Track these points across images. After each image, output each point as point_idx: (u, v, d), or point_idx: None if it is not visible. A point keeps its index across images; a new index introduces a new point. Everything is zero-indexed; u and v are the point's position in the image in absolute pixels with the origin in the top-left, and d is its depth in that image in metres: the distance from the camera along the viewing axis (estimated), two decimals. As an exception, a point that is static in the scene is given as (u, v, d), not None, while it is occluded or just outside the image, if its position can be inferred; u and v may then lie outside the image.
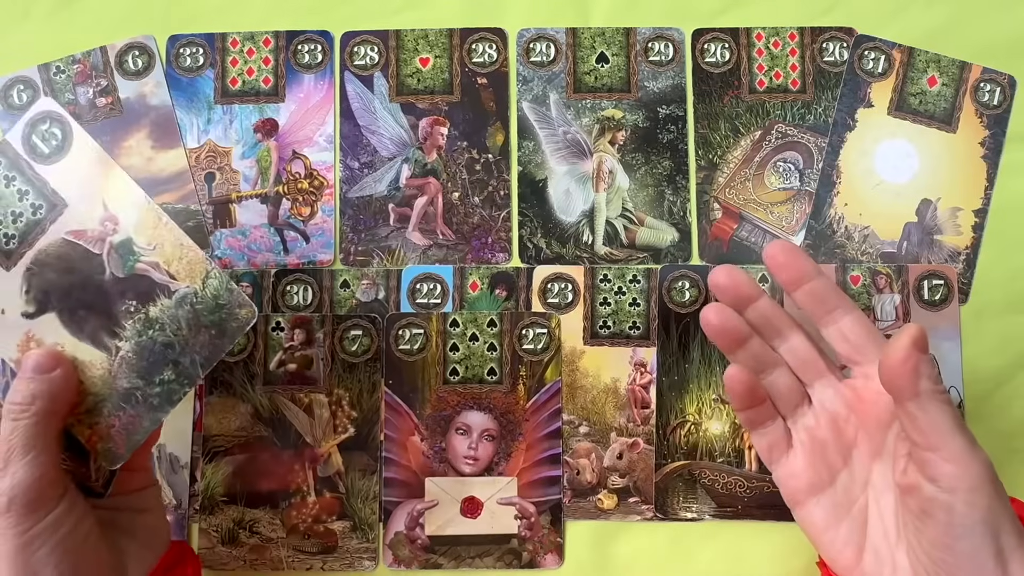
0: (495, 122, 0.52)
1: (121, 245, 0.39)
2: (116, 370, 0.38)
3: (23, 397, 0.36)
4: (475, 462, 0.49)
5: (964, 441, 0.33)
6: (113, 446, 0.38)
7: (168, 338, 0.38)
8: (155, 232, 0.39)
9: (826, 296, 0.39)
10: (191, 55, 0.52)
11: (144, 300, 0.38)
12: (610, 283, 0.50)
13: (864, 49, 0.52)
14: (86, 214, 0.39)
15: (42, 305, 0.39)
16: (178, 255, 0.39)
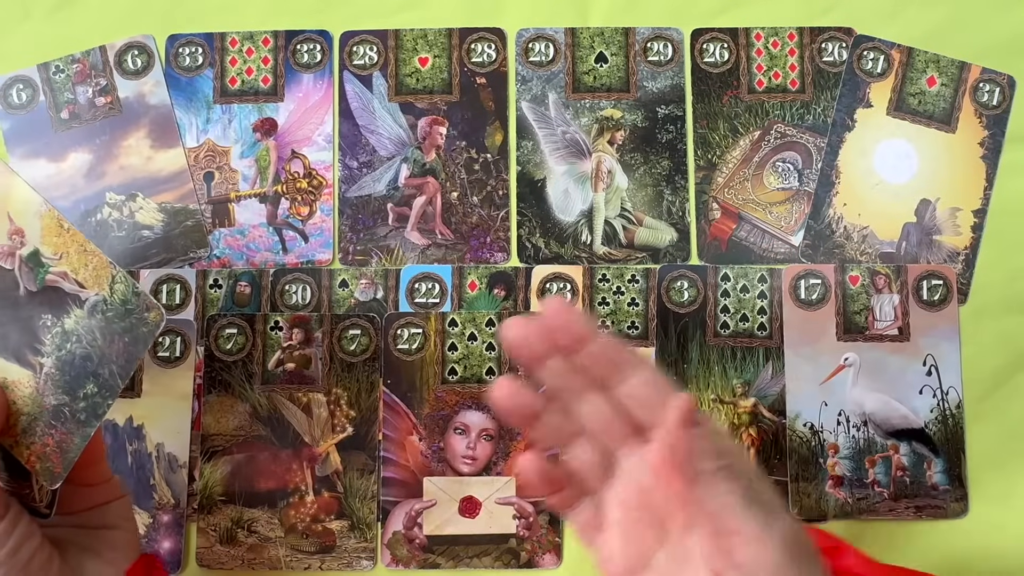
0: (494, 122, 0.52)
1: (30, 257, 0.37)
2: (43, 387, 0.37)
3: None
4: (473, 462, 0.49)
5: (756, 519, 0.29)
6: (51, 465, 0.37)
7: (85, 350, 0.37)
8: (59, 240, 0.37)
9: (613, 354, 0.34)
10: (190, 55, 0.52)
11: (58, 312, 0.37)
12: (609, 283, 0.50)
13: (863, 49, 0.52)
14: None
15: None
16: (84, 262, 0.37)
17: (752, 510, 0.30)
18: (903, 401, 0.49)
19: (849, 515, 0.49)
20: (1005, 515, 0.49)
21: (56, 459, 0.37)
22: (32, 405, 0.37)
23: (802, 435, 0.49)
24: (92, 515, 0.40)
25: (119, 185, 0.51)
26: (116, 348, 0.37)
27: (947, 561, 0.49)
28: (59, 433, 0.37)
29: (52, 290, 0.37)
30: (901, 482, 0.49)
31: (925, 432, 0.49)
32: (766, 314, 0.50)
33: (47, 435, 0.37)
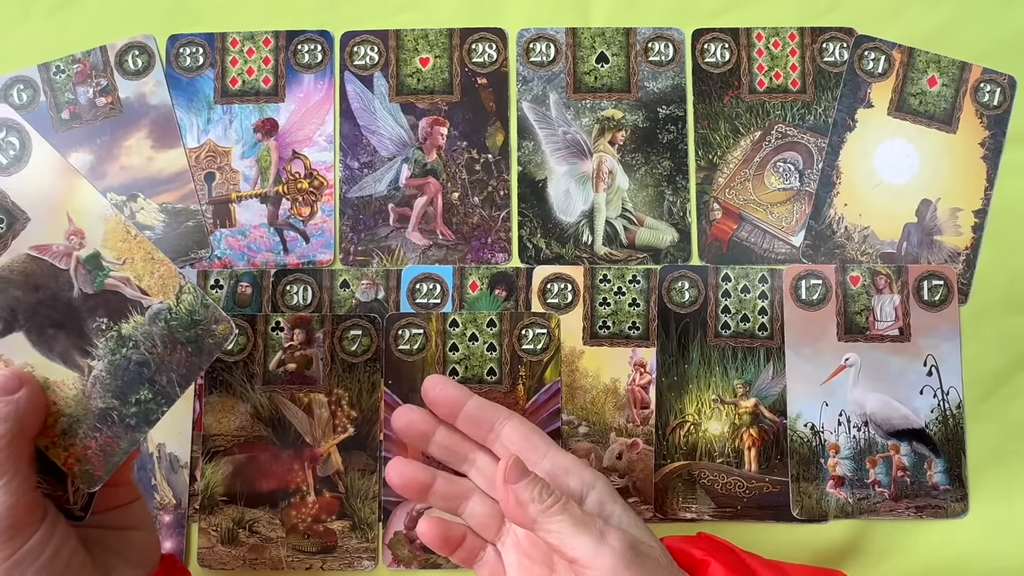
0: (495, 122, 0.52)
1: (89, 260, 0.37)
2: (90, 390, 0.37)
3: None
4: (474, 462, 0.49)
5: (589, 539, 0.35)
6: (91, 468, 0.37)
7: (143, 356, 0.37)
8: (125, 245, 0.37)
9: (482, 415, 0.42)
10: (191, 55, 0.52)
11: (116, 317, 0.37)
12: (610, 283, 0.50)
13: (864, 49, 0.52)
14: (50, 228, 0.37)
15: (8, 324, 0.37)
16: (150, 269, 0.37)
17: (583, 535, 0.36)
18: (904, 401, 0.49)
19: (850, 515, 0.49)
20: (1005, 515, 0.49)
21: (98, 462, 0.37)
22: (75, 407, 0.37)
23: (803, 435, 0.49)
24: (115, 516, 0.40)
25: (120, 185, 0.51)
26: (178, 357, 0.37)
27: (947, 561, 0.49)
28: (104, 437, 0.37)
29: (111, 294, 0.37)
30: (902, 482, 0.49)
31: (926, 432, 0.49)
32: (767, 314, 0.50)
33: (90, 438, 0.37)
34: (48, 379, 0.37)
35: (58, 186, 0.37)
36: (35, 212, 0.37)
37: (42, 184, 0.37)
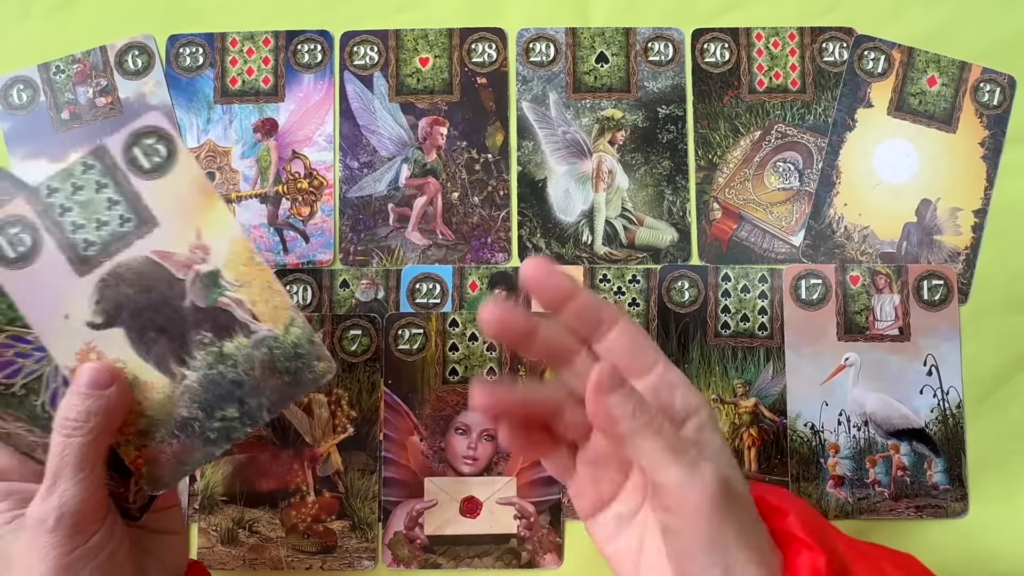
0: (495, 122, 0.52)
1: (208, 276, 0.37)
2: (177, 397, 0.37)
3: (78, 414, 0.35)
4: (474, 462, 0.49)
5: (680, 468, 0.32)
6: (160, 472, 0.37)
7: (239, 376, 0.37)
8: (245, 270, 0.37)
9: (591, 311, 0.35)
10: (191, 55, 0.52)
11: (221, 334, 0.37)
12: (610, 283, 0.50)
13: (864, 49, 0.52)
14: (176, 237, 0.37)
15: (111, 318, 0.37)
16: (265, 297, 0.37)
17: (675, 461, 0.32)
18: (904, 401, 0.49)
19: (850, 515, 0.49)
20: (1005, 515, 0.49)
21: (168, 468, 0.37)
22: (158, 410, 0.37)
23: (803, 435, 0.49)
24: (156, 518, 0.40)
25: (120, 185, 0.51)
26: (273, 384, 0.37)
27: (947, 561, 0.49)
28: (180, 444, 0.37)
29: (221, 312, 0.37)
30: (901, 482, 0.49)
31: (925, 432, 0.49)
32: (767, 314, 0.50)
33: (166, 443, 0.37)
34: (137, 378, 0.37)
35: (194, 200, 0.37)
36: (165, 220, 0.37)
37: (179, 195, 0.37)
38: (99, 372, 0.36)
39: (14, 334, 0.37)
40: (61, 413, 0.35)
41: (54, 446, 0.35)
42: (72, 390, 0.36)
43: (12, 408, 0.37)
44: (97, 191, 0.37)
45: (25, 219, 0.36)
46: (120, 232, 0.37)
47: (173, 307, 0.37)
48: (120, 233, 0.37)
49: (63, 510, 0.34)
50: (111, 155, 0.37)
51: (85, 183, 0.37)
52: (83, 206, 0.37)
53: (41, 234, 0.36)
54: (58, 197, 0.36)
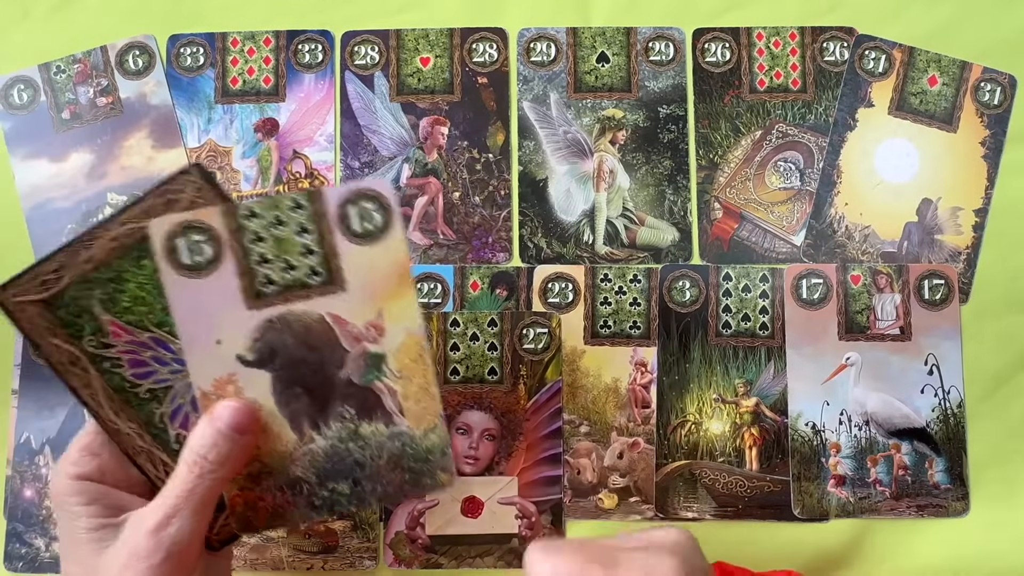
0: (495, 122, 0.52)
1: (373, 357, 0.36)
2: (298, 456, 0.36)
3: (217, 456, 0.34)
4: (476, 462, 0.49)
5: None
6: (254, 518, 0.37)
7: (363, 459, 0.36)
8: (411, 364, 0.36)
9: None
10: (191, 55, 0.52)
11: (363, 415, 0.36)
12: (611, 283, 0.50)
13: (865, 49, 0.52)
14: (358, 309, 0.35)
15: (263, 360, 0.36)
16: (419, 397, 0.36)
17: None
18: (905, 400, 0.49)
19: (851, 514, 0.49)
20: (1006, 514, 0.49)
21: (262, 516, 0.37)
22: (274, 460, 0.36)
23: (804, 434, 0.49)
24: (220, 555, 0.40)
25: (120, 185, 0.51)
26: (392, 477, 0.37)
27: (948, 560, 0.49)
28: (282, 499, 0.37)
29: (372, 394, 0.36)
30: (903, 481, 0.49)
31: (927, 431, 0.49)
32: (768, 314, 0.50)
33: (270, 493, 0.36)
34: (267, 424, 0.36)
35: (389, 281, 0.36)
36: (354, 288, 0.35)
37: (377, 270, 0.35)
38: (245, 416, 0.35)
39: (159, 337, 0.36)
40: (197, 450, 0.34)
41: (182, 481, 0.34)
42: (214, 428, 0.34)
43: (131, 407, 0.36)
44: (297, 234, 0.35)
45: (213, 231, 0.34)
46: (304, 282, 0.35)
47: (328, 373, 0.36)
48: (304, 283, 0.35)
49: (176, 547, 0.34)
50: (325, 204, 0.35)
51: (288, 221, 0.35)
52: (278, 243, 0.35)
53: (224, 252, 0.35)
54: (256, 223, 0.35)
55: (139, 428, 0.37)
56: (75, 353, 0.36)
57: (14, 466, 0.49)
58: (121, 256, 0.36)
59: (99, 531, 0.35)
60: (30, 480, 0.49)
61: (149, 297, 0.36)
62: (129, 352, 0.36)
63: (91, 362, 0.36)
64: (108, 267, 0.35)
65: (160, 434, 0.37)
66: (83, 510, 0.35)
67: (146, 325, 0.36)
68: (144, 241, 0.35)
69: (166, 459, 0.37)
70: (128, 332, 0.36)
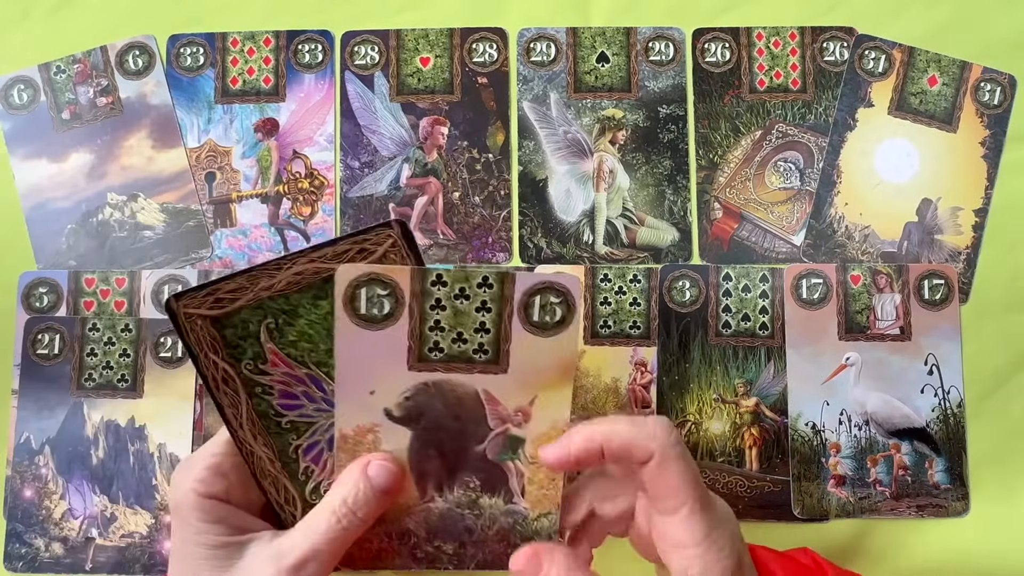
0: (495, 122, 0.52)
1: (513, 440, 0.37)
2: (414, 511, 0.37)
3: (366, 514, 0.35)
4: (476, 462, 0.49)
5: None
6: (358, 557, 0.38)
7: (475, 526, 0.37)
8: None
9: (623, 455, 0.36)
10: (191, 55, 0.52)
11: (486, 488, 0.37)
12: (610, 283, 0.50)
13: (865, 49, 0.52)
14: (512, 393, 0.36)
15: (408, 419, 0.36)
16: (542, 485, 0.37)
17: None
18: (905, 400, 0.49)
19: (851, 514, 0.49)
20: (1006, 514, 0.49)
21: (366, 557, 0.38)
22: (391, 511, 0.37)
23: (804, 434, 0.49)
24: None
25: (120, 185, 0.51)
26: (495, 548, 0.37)
27: (948, 560, 0.49)
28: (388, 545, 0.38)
29: (500, 472, 0.37)
30: (903, 481, 0.49)
31: (926, 431, 0.49)
32: (768, 314, 0.50)
33: (379, 537, 0.37)
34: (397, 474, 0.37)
35: (550, 375, 0.36)
36: (515, 374, 0.36)
37: (542, 362, 0.36)
38: (396, 479, 0.36)
39: (315, 376, 0.37)
40: (350, 504, 0.35)
41: (328, 529, 0.34)
42: (370, 486, 0.35)
43: (269, 435, 0.37)
44: (478, 310, 0.35)
45: (397, 289, 0.34)
46: (471, 357, 0.36)
47: (465, 443, 0.37)
48: (470, 357, 0.36)
49: None
50: (514, 287, 0.35)
51: (472, 296, 0.35)
52: (455, 314, 0.35)
53: (402, 311, 0.35)
54: (440, 292, 0.35)
55: (272, 454, 0.37)
56: (230, 373, 0.36)
57: (14, 466, 0.49)
58: (300, 291, 0.36)
59: (222, 549, 0.35)
60: (30, 480, 0.49)
61: (316, 336, 0.36)
62: (282, 383, 0.37)
63: (244, 385, 0.36)
64: (285, 299, 0.36)
65: (290, 464, 0.37)
66: (208, 527, 0.35)
67: (306, 361, 0.37)
68: (326, 282, 0.36)
69: (289, 486, 0.38)
70: (287, 364, 0.37)
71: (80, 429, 0.49)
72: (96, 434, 0.49)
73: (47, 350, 0.50)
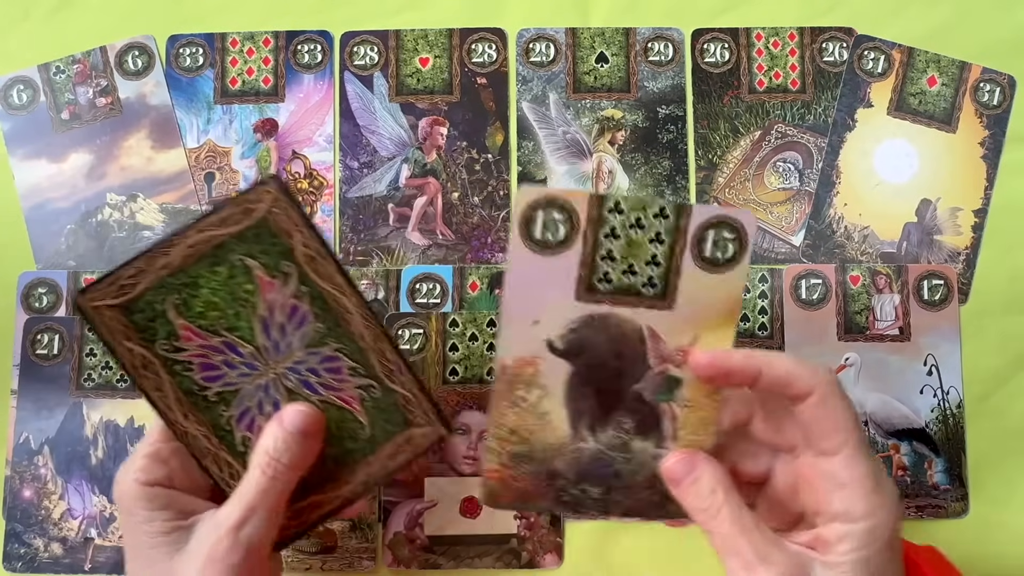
0: (495, 122, 0.52)
1: (670, 380, 0.36)
2: (564, 451, 0.36)
3: (290, 459, 0.36)
4: (474, 462, 0.49)
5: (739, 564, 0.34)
6: (502, 494, 0.37)
7: (624, 471, 0.36)
8: (702, 398, 0.36)
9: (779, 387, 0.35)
10: (191, 55, 0.52)
11: (638, 431, 0.36)
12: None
13: (864, 49, 0.52)
14: (676, 330, 0.35)
15: (569, 353, 0.35)
16: (695, 429, 0.36)
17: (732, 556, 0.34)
18: (904, 401, 0.49)
19: (850, 515, 0.49)
20: (1006, 515, 0.49)
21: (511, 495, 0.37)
22: (539, 448, 0.36)
23: (803, 435, 0.49)
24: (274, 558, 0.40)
25: (120, 186, 0.51)
26: (642, 495, 0.37)
27: (948, 561, 0.49)
28: (534, 486, 0.37)
29: (654, 414, 0.36)
30: (902, 482, 0.49)
31: (926, 432, 0.49)
32: (767, 314, 0.50)
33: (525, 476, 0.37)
34: (547, 413, 0.36)
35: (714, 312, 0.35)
36: (681, 310, 0.35)
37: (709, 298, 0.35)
38: (314, 421, 0.37)
39: (230, 342, 0.37)
40: (272, 453, 0.36)
41: (256, 483, 0.35)
42: (287, 432, 0.36)
43: (199, 411, 0.37)
44: (651, 241, 0.35)
45: (575, 214, 0.34)
46: (638, 290, 0.35)
47: (622, 382, 0.36)
48: (637, 291, 0.35)
49: (253, 547, 0.35)
50: (690, 220, 0.34)
51: (648, 226, 0.34)
52: (629, 244, 0.35)
53: (576, 238, 0.34)
54: (616, 219, 0.34)
55: (207, 431, 0.38)
56: (148, 356, 0.37)
57: (13, 466, 0.49)
58: (197, 262, 0.37)
59: (171, 534, 0.36)
60: (29, 480, 0.49)
61: (222, 303, 0.37)
62: (200, 356, 0.37)
63: (163, 365, 0.37)
64: (184, 272, 0.37)
65: (226, 436, 0.38)
66: (154, 515, 0.36)
67: (218, 330, 0.37)
68: (219, 248, 0.37)
69: (232, 461, 0.38)
70: (200, 336, 0.37)
71: (79, 429, 0.49)
72: (95, 434, 0.49)
73: (46, 350, 0.50)
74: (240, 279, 0.37)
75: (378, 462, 0.39)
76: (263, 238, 0.37)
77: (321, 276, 0.37)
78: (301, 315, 0.38)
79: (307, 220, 0.37)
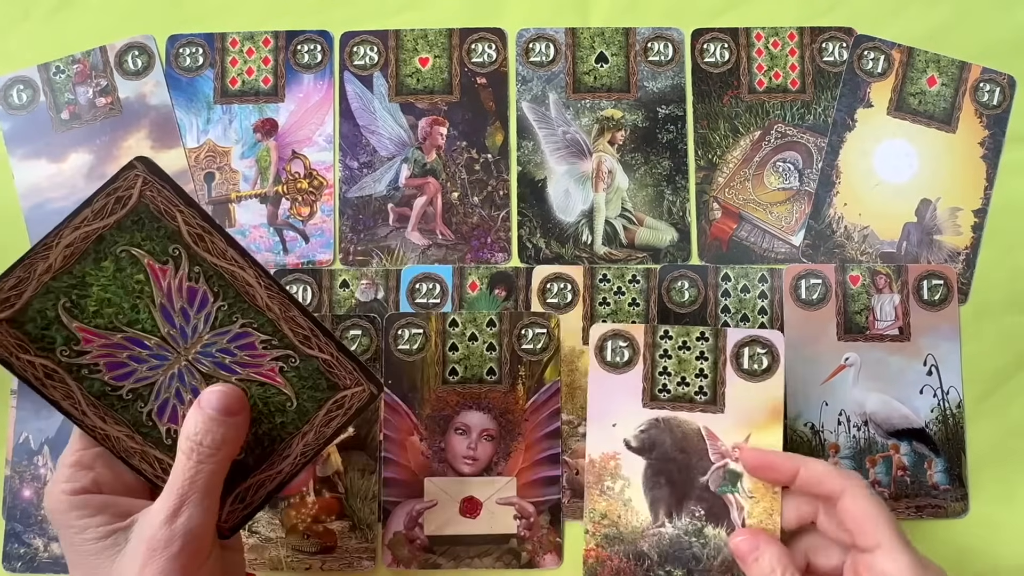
0: (494, 122, 0.52)
1: (731, 473, 0.43)
2: (648, 535, 0.44)
3: (212, 441, 0.35)
4: (474, 462, 0.49)
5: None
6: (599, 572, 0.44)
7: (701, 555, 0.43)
8: (762, 489, 0.42)
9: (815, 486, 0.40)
10: (191, 55, 0.52)
11: (710, 518, 0.43)
12: (609, 283, 0.50)
13: (864, 49, 0.52)
14: (729, 429, 0.43)
15: (642, 450, 0.44)
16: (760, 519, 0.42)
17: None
18: (904, 401, 0.49)
19: (850, 515, 0.49)
20: (1005, 514, 0.49)
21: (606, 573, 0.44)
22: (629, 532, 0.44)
23: (803, 435, 0.49)
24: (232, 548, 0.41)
25: (120, 185, 0.51)
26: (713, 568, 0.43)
27: (947, 561, 0.49)
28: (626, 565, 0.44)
29: (722, 503, 0.43)
30: (902, 482, 0.49)
31: (925, 432, 0.49)
32: (767, 314, 0.50)
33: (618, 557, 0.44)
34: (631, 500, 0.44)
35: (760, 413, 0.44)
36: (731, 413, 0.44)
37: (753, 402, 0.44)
38: (232, 399, 0.36)
39: (132, 336, 0.36)
40: (192, 437, 0.35)
41: (184, 470, 0.35)
42: (205, 414, 0.36)
43: (116, 412, 0.36)
44: (697, 359, 0.44)
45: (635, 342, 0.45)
46: (692, 397, 0.44)
47: (691, 474, 0.43)
48: (691, 398, 0.44)
49: (191, 534, 0.34)
50: (726, 340, 0.44)
51: (693, 347, 0.44)
52: (680, 362, 0.44)
53: (638, 360, 0.45)
54: (667, 344, 0.45)
55: (128, 430, 0.37)
56: (50, 366, 0.36)
57: (13, 466, 0.49)
58: (79, 261, 0.35)
59: (109, 538, 0.35)
60: (29, 480, 0.49)
61: (115, 298, 0.36)
62: (105, 356, 0.36)
63: (67, 372, 0.36)
64: (68, 274, 0.35)
65: (150, 432, 0.37)
66: (88, 522, 0.35)
67: (117, 326, 0.36)
68: (100, 242, 0.35)
69: (160, 456, 0.37)
70: (100, 336, 0.36)
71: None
72: (95, 434, 0.49)
73: (46, 350, 0.50)
74: (129, 270, 0.36)
75: (313, 431, 0.39)
76: (144, 224, 0.36)
77: (213, 253, 0.36)
78: (201, 296, 0.37)
79: (186, 197, 0.36)
